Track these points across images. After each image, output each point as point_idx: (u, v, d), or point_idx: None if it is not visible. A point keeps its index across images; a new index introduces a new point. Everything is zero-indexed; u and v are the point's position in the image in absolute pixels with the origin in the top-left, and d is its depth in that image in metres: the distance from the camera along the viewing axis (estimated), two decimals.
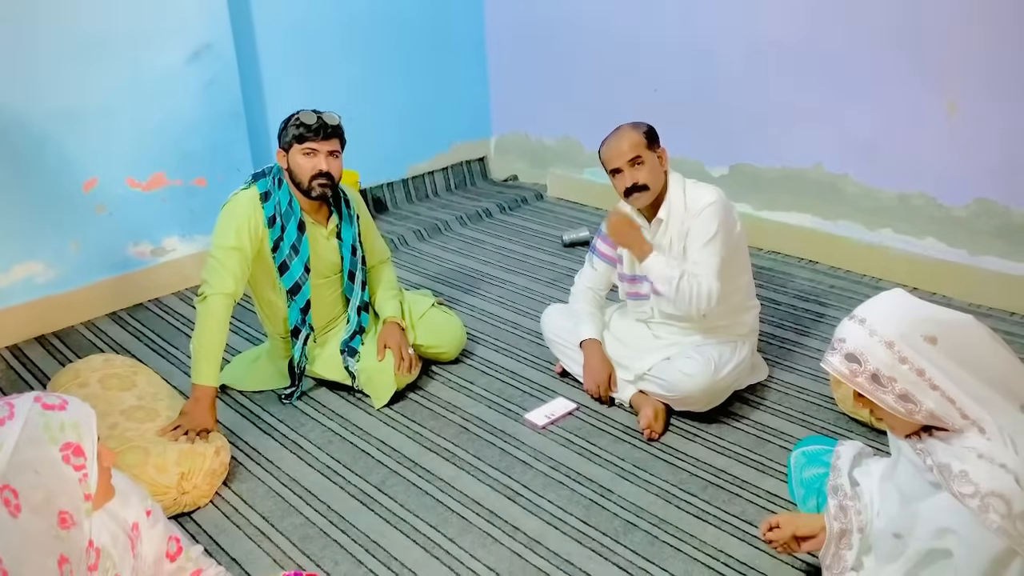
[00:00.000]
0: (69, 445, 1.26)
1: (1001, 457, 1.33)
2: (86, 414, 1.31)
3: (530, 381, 2.74)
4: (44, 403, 1.28)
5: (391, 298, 2.75)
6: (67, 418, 1.28)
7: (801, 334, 2.97)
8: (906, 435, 1.49)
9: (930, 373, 1.39)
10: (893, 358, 1.40)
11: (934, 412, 1.40)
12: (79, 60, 3.01)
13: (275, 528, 2.11)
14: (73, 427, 1.28)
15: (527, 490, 2.20)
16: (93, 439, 1.30)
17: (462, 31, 4.47)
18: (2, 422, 1.25)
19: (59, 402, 1.30)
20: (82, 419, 1.30)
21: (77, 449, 1.27)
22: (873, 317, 1.44)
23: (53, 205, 3.08)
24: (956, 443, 1.40)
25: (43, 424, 1.25)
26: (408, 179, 4.46)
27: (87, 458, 1.28)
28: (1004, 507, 1.29)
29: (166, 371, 2.83)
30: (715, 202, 2.35)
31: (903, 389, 1.40)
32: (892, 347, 1.40)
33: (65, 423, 1.27)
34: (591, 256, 2.67)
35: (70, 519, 1.27)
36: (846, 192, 3.43)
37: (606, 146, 2.38)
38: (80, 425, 1.29)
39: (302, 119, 2.38)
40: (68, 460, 1.26)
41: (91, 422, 1.31)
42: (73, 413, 1.29)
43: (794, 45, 3.40)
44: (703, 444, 2.37)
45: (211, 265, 2.39)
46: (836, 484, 1.74)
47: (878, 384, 1.42)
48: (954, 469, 1.37)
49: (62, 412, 1.28)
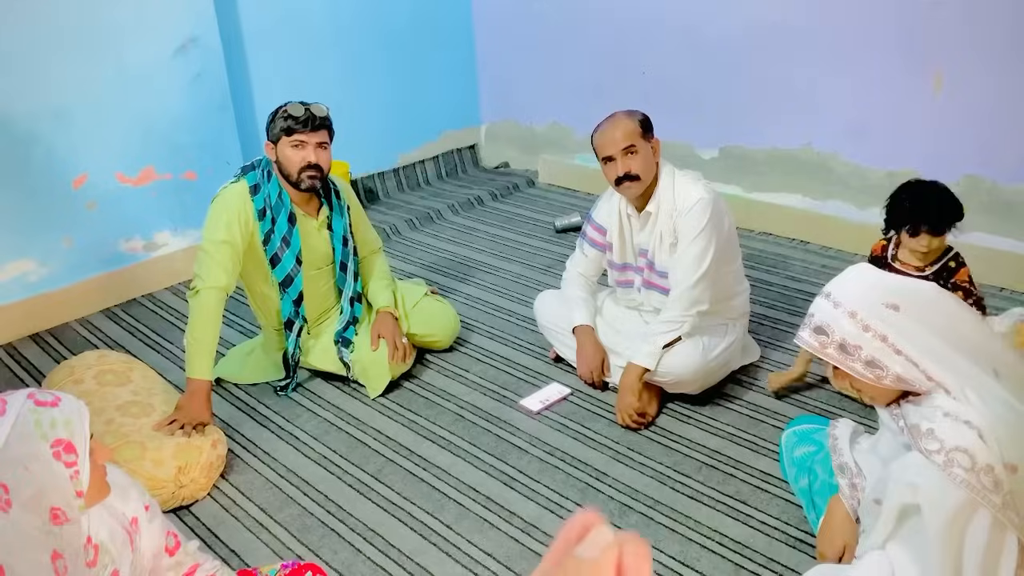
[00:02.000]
0: (60, 442, 1.27)
1: (966, 415, 1.38)
2: (79, 411, 1.32)
3: (524, 367, 2.75)
4: (37, 400, 1.29)
5: (384, 288, 2.76)
6: (59, 415, 1.29)
7: (793, 314, 2.98)
8: (886, 404, 1.54)
9: (893, 339, 1.44)
10: (857, 327, 1.45)
11: (901, 376, 1.45)
12: (63, 55, 2.99)
13: (273, 519, 2.12)
14: (65, 424, 1.28)
15: (523, 475, 2.22)
16: (85, 436, 1.30)
17: (449, 19, 4.45)
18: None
19: (52, 399, 1.30)
20: (74, 416, 1.30)
21: (68, 446, 1.27)
22: (837, 291, 1.51)
23: (43, 202, 3.08)
24: (925, 404, 1.45)
25: (35, 421, 1.26)
26: (399, 168, 4.46)
27: (79, 455, 1.28)
28: (968, 461, 1.34)
29: (161, 366, 2.84)
30: (703, 199, 2.34)
31: (869, 355, 1.45)
32: (855, 316, 1.46)
33: (57, 420, 1.28)
34: (581, 242, 2.68)
35: (62, 515, 1.28)
36: (836, 171, 3.44)
37: (599, 133, 2.38)
38: (72, 422, 1.29)
39: (290, 111, 2.38)
40: (59, 457, 1.27)
41: (84, 419, 1.31)
42: (65, 410, 1.30)
43: (781, 25, 3.40)
44: (697, 426, 2.39)
45: (202, 259, 2.39)
46: (841, 463, 1.76)
47: (846, 353, 1.47)
48: (922, 428, 1.43)
49: (54, 409, 1.29)
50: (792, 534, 1.97)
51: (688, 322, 2.36)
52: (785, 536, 1.96)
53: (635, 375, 2.37)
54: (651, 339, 2.38)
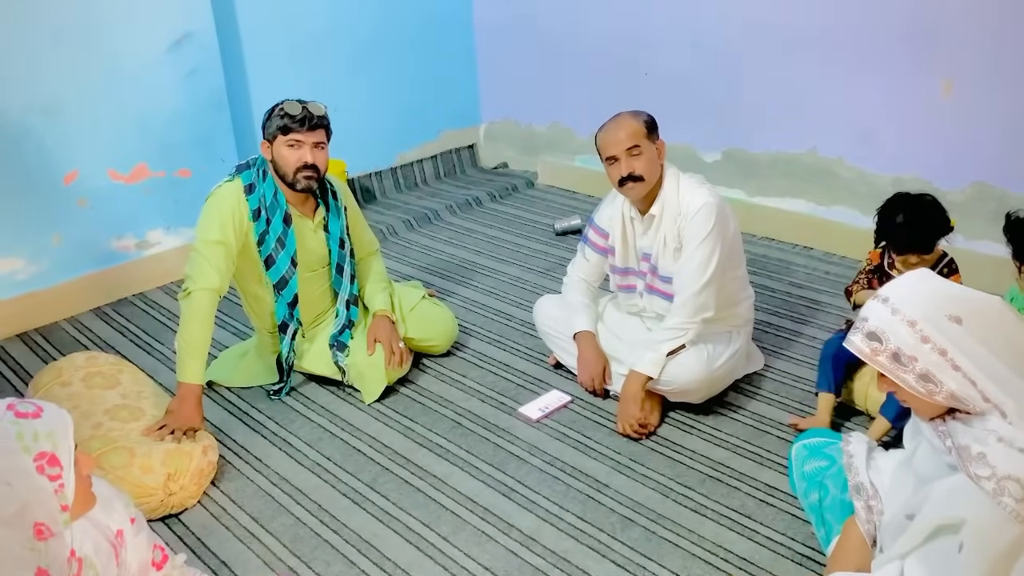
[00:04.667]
0: (44, 455, 1.21)
1: (1021, 441, 1.31)
2: (62, 422, 1.26)
3: (523, 373, 2.69)
4: (17, 411, 1.23)
5: (381, 291, 2.70)
6: (41, 427, 1.23)
7: (797, 322, 2.93)
8: (930, 418, 1.45)
9: (952, 354, 1.36)
10: (915, 337, 1.37)
11: (955, 393, 1.37)
12: (55, 50, 2.93)
13: (265, 529, 2.06)
14: (48, 436, 1.22)
15: (522, 486, 2.17)
16: (70, 447, 1.25)
17: (450, 18, 4.39)
18: None
19: (33, 410, 1.25)
20: (58, 427, 1.24)
21: (52, 459, 1.22)
22: (896, 296, 1.41)
23: (33, 199, 3.01)
24: (977, 425, 1.37)
25: (16, 433, 1.20)
26: (397, 168, 4.40)
27: (63, 468, 1.23)
28: (1020, 491, 1.27)
29: (151, 367, 2.78)
30: (708, 203, 2.29)
31: (924, 369, 1.37)
32: (914, 326, 1.37)
33: (39, 432, 1.22)
34: (583, 246, 2.62)
35: (47, 530, 1.22)
36: (841, 177, 3.39)
37: (604, 133, 2.33)
38: (56, 434, 1.23)
39: (287, 109, 2.32)
40: (43, 470, 1.21)
41: (68, 430, 1.25)
42: (48, 421, 1.24)
43: (787, 28, 3.35)
44: (700, 436, 2.34)
45: (195, 260, 2.33)
46: (858, 483, 1.70)
47: (899, 363, 1.39)
48: (972, 451, 1.34)
49: (36, 420, 1.23)
50: (799, 551, 1.91)
51: (692, 329, 2.31)
52: (791, 553, 1.91)
53: (638, 383, 2.31)
54: (654, 346, 2.32)
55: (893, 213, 2.19)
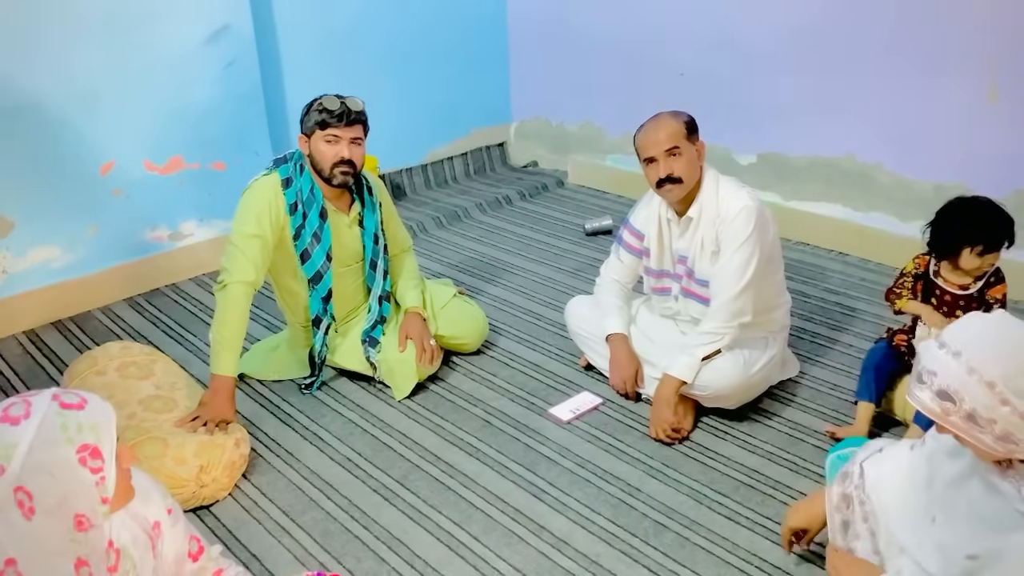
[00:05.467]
0: (87, 447, 1.21)
1: None
2: (105, 414, 1.26)
3: (554, 374, 2.67)
4: (62, 402, 1.23)
5: (413, 287, 2.69)
6: (85, 418, 1.22)
7: (833, 328, 2.89)
8: (994, 460, 1.37)
9: None
10: (994, 399, 1.26)
11: None
12: (95, 40, 2.95)
13: (295, 523, 2.06)
14: (92, 428, 1.22)
15: (553, 487, 2.15)
16: (112, 440, 1.24)
17: (484, 15, 4.38)
18: (18, 421, 1.20)
19: (78, 400, 1.24)
20: (101, 420, 1.24)
21: (95, 451, 1.22)
22: (971, 351, 1.29)
23: (70, 189, 3.03)
24: None
25: (60, 424, 1.20)
26: (427, 164, 4.39)
27: (105, 461, 1.23)
28: None
29: (183, 358, 2.79)
30: (748, 206, 2.25)
31: (1004, 431, 1.26)
32: (993, 388, 1.26)
33: (83, 424, 1.22)
34: (617, 247, 2.59)
35: (87, 521, 1.23)
36: (879, 182, 3.33)
37: (643, 133, 2.30)
38: (99, 426, 1.23)
39: (325, 104, 2.31)
40: (85, 462, 1.21)
41: (111, 423, 1.25)
42: (92, 413, 1.24)
43: (826, 29, 3.30)
44: (734, 442, 2.31)
45: (231, 253, 2.33)
46: (847, 471, 1.68)
47: (974, 424, 1.28)
48: None
49: (80, 412, 1.23)
50: None
51: (729, 334, 2.28)
52: None
53: (671, 388, 2.29)
54: (690, 351, 2.29)
55: (957, 212, 2.12)
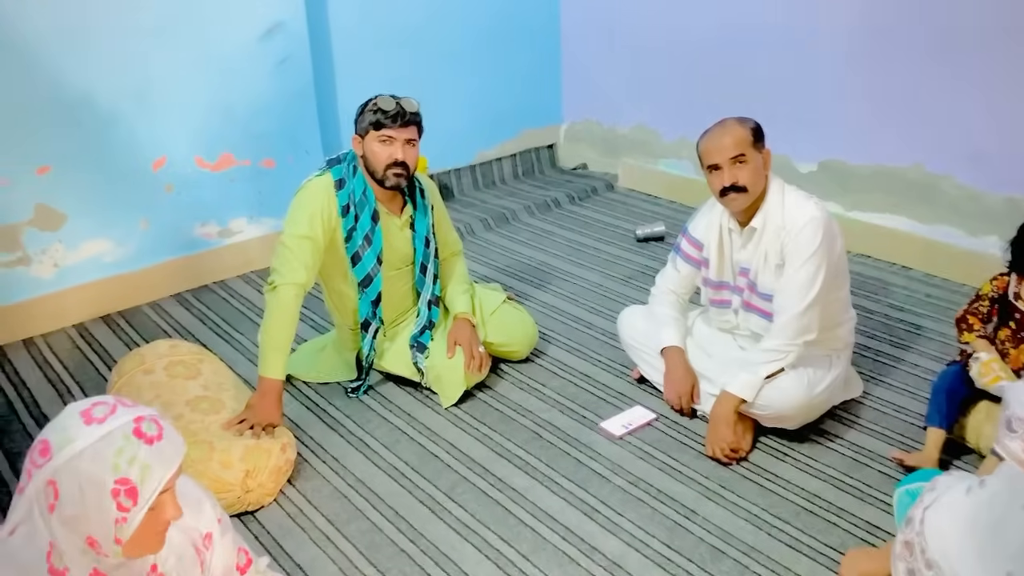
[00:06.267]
0: (126, 482, 1.15)
1: None
2: (166, 461, 1.19)
3: (605, 386, 2.60)
4: (138, 429, 1.17)
5: (462, 293, 2.64)
6: (143, 456, 1.16)
7: (897, 347, 2.77)
8: None
9: None
10: None
11: None
12: (149, 36, 2.95)
13: (341, 533, 2.01)
14: (143, 468, 1.16)
15: (605, 506, 2.07)
16: (156, 490, 1.17)
17: (536, 16, 4.31)
18: (90, 421, 1.17)
19: (151, 435, 1.18)
20: (157, 465, 1.17)
21: (131, 491, 1.15)
22: None
23: (123, 183, 3.04)
24: None
25: (118, 448, 1.15)
26: (475, 165, 4.34)
27: (137, 506, 1.16)
28: None
29: (231, 357, 2.77)
30: (816, 218, 2.16)
31: None
32: None
33: (137, 459, 1.16)
34: (674, 256, 2.51)
35: (99, 548, 1.19)
36: (947, 194, 3.19)
37: (707, 139, 2.21)
38: (151, 469, 1.17)
39: (380, 105, 2.27)
40: (117, 495, 1.15)
41: (168, 471, 1.19)
42: (153, 454, 1.17)
43: (894, 30, 3.17)
44: (794, 465, 2.21)
45: (282, 254, 2.29)
46: (911, 515, 1.58)
47: None
48: None
49: (143, 447, 1.17)
50: None
51: (793, 352, 2.18)
52: None
53: (730, 406, 2.20)
54: (751, 368, 2.20)
55: None
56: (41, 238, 2.91)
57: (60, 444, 1.15)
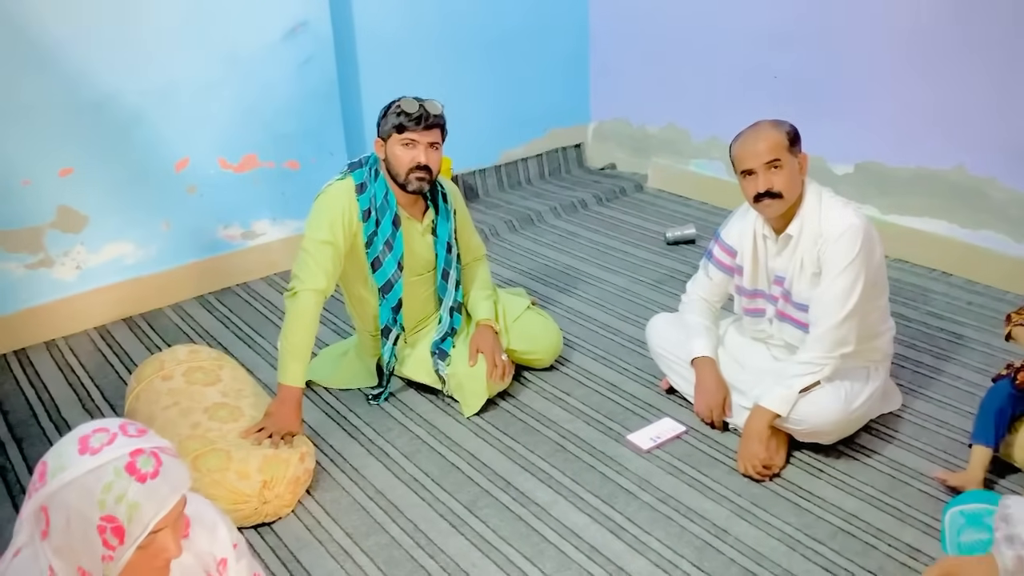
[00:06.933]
0: (113, 520, 1.09)
1: None
2: (159, 500, 1.12)
3: (632, 396, 2.52)
4: (132, 464, 1.11)
5: (485, 299, 2.58)
6: (133, 494, 1.10)
7: (938, 357, 2.66)
8: None
9: None
10: None
11: None
12: (173, 36, 2.92)
13: (359, 547, 1.96)
14: (131, 506, 1.10)
15: (631, 524, 2.00)
16: (145, 529, 1.11)
17: (564, 13, 4.22)
18: (85, 450, 1.11)
19: (145, 472, 1.12)
20: (148, 504, 1.11)
21: (117, 529, 1.09)
22: None
23: (146, 185, 3.02)
24: None
25: (106, 484, 1.09)
26: (501, 165, 4.27)
27: (124, 545, 1.10)
28: None
29: (252, 362, 2.74)
30: (854, 225, 2.06)
31: None
32: None
33: (126, 497, 1.09)
34: (706, 263, 2.42)
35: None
36: (991, 198, 3.07)
37: (740, 142, 2.13)
38: (140, 508, 1.10)
39: (403, 107, 2.21)
40: (103, 532, 1.09)
41: (158, 511, 1.12)
42: (143, 493, 1.11)
43: (933, 28, 3.05)
44: (830, 482, 2.12)
45: (303, 259, 2.25)
46: (1012, 534, 1.48)
47: None
48: None
49: (134, 484, 1.10)
50: None
51: (830, 365, 2.09)
52: None
53: (764, 420, 2.11)
54: (785, 381, 2.11)
55: None
56: (63, 240, 2.90)
57: (54, 471, 1.11)
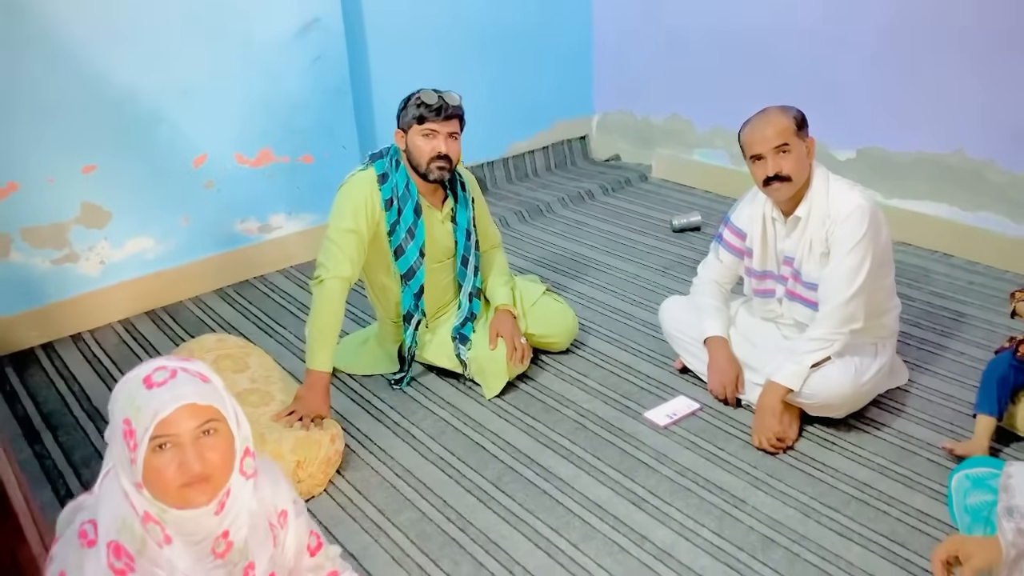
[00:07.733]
0: (128, 423, 1.24)
1: None
2: (158, 404, 1.21)
3: (647, 376, 2.60)
4: (150, 376, 1.25)
5: (503, 284, 2.65)
6: (141, 399, 1.23)
7: (941, 335, 2.74)
8: None
9: None
10: None
11: None
12: (189, 34, 2.98)
13: (391, 522, 2.04)
14: (136, 409, 1.22)
15: (653, 496, 2.08)
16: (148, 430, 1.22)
17: (568, 5, 4.30)
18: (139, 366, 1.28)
19: (160, 380, 1.24)
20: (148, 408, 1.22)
21: (131, 432, 1.23)
22: None
23: (165, 180, 3.08)
24: None
25: (129, 393, 1.25)
26: (508, 158, 4.35)
27: (137, 447, 1.23)
28: None
29: (274, 351, 2.80)
30: (861, 207, 2.14)
31: None
32: None
33: (135, 401, 1.23)
34: (716, 246, 2.50)
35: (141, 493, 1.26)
36: (990, 180, 3.15)
37: (749, 128, 2.21)
38: (142, 411, 1.22)
39: (423, 98, 2.28)
40: (125, 436, 1.24)
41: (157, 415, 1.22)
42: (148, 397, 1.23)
43: (932, 14, 3.12)
44: (842, 454, 2.20)
45: (328, 248, 2.32)
46: (1012, 505, 1.56)
47: None
48: None
49: (143, 391, 1.24)
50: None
51: (839, 341, 2.17)
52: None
53: (777, 395, 2.20)
54: (796, 357, 2.19)
55: None
56: (88, 235, 2.97)
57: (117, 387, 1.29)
